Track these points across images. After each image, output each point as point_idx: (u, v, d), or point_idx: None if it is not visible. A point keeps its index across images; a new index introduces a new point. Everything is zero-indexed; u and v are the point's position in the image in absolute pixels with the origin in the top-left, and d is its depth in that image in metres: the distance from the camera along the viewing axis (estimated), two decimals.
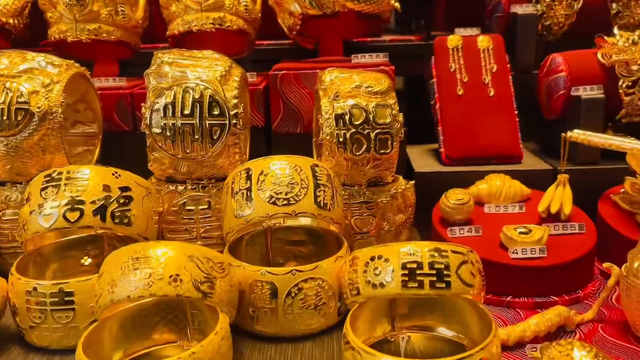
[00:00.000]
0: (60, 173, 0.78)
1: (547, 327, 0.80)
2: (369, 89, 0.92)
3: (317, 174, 0.80)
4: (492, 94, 1.21)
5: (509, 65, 1.25)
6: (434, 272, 0.64)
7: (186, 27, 1.14)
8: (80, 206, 0.75)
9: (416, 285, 0.64)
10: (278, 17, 1.20)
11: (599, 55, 1.15)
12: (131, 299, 0.61)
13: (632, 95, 1.13)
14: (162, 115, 0.87)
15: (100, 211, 0.76)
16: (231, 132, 0.89)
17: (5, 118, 0.87)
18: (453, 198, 0.99)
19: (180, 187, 0.92)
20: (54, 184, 0.77)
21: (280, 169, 0.79)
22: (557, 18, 1.32)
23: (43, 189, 0.77)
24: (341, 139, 0.90)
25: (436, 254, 0.65)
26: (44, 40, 1.21)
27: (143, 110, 0.89)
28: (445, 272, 0.64)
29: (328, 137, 0.91)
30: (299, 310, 0.73)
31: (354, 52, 1.22)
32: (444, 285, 0.64)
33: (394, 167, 0.96)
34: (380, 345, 0.72)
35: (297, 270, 0.73)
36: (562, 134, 1.06)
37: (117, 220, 0.77)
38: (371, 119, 0.90)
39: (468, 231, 0.97)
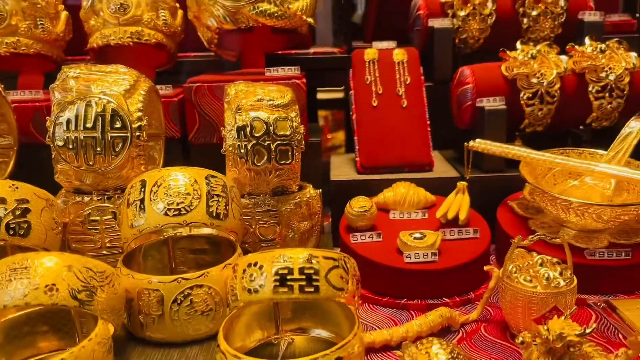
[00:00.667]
0: None
1: (429, 328, 0.84)
2: (271, 102, 0.96)
3: (211, 184, 0.84)
4: (405, 105, 1.26)
5: (423, 78, 1.30)
6: (304, 277, 0.68)
7: (104, 40, 1.16)
8: None
9: (286, 290, 0.67)
10: (198, 31, 1.24)
11: (503, 69, 1.21)
12: (7, 308, 0.63)
13: (532, 106, 1.19)
14: (65, 129, 0.90)
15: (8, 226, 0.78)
16: (134, 144, 0.92)
17: None
18: (356, 206, 1.03)
19: (87, 198, 0.94)
20: None
21: (173, 180, 0.83)
22: (472, 32, 1.38)
23: None
24: (242, 150, 0.93)
25: (307, 261, 0.69)
26: None
27: (47, 123, 0.92)
28: (315, 277, 0.68)
29: (230, 149, 0.94)
30: (186, 317, 0.76)
31: (276, 64, 1.27)
32: (312, 289, 0.68)
33: (297, 176, 1.00)
34: (263, 348, 0.76)
35: (183, 278, 0.76)
36: (465, 143, 1.11)
37: (11, 232, 0.79)
38: (271, 131, 0.94)
39: (369, 237, 1.01)
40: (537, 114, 1.20)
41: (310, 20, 1.18)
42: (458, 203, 1.06)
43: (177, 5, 1.25)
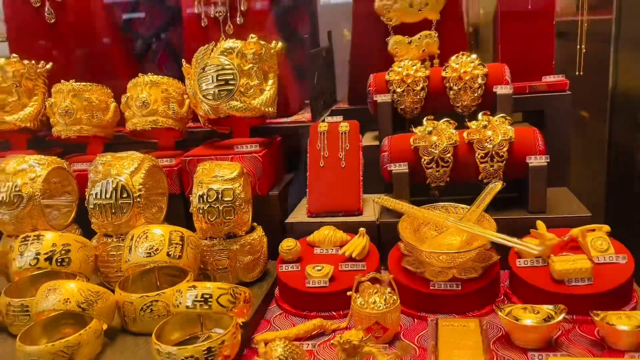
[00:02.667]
0: (28, 237, 1.38)
1: (305, 332, 1.30)
2: (221, 177, 1.46)
3: (172, 236, 1.36)
4: (344, 166, 1.71)
5: (360, 143, 1.74)
6: (203, 299, 1.18)
7: (132, 127, 1.73)
8: (37, 256, 1.35)
9: (192, 306, 1.18)
10: (198, 115, 1.77)
11: (410, 140, 1.62)
12: (45, 312, 1.20)
13: (431, 169, 1.59)
14: (94, 197, 1.46)
15: (49, 258, 1.36)
16: (136, 206, 1.46)
17: (7, 200, 1.48)
18: (284, 245, 1.50)
19: (109, 239, 1.50)
20: (25, 243, 1.38)
21: (150, 233, 1.35)
22: (407, 104, 1.79)
23: (20, 245, 1.38)
24: (201, 211, 1.44)
25: (206, 289, 1.18)
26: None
27: (86, 193, 1.48)
28: (210, 299, 1.18)
29: (194, 209, 1.46)
30: (149, 319, 1.29)
31: (259, 133, 1.78)
32: (207, 307, 1.17)
33: (242, 226, 1.49)
34: (188, 340, 1.27)
35: (146, 296, 1.29)
36: (372, 199, 1.55)
37: (58, 263, 1.36)
38: (220, 197, 1.44)
39: (292, 267, 1.49)
40: (435, 175, 1.59)
41: (269, 109, 1.66)
42: (356, 243, 1.50)
43: (185, 97, 1.78)
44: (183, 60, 1.73)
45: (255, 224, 1.57)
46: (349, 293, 1.31)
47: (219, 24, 1.84)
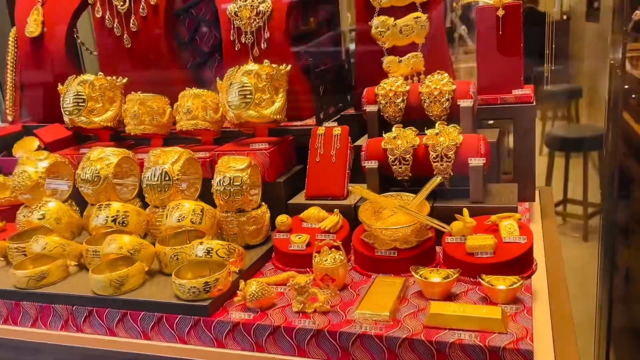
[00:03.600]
0: (101, 205, 2.01)
1: (281, 280, 1.83)
2: (234, 167, 2.02)
3: (195, 209, 1.93)
4: (334, 161, 2.21)
5: (349, 144, 2.23)
6: (207, 251, 1.74)
7: (179, 128, 2.32)
8: (107, 218, 1.98)
9: (200, 255, 1.75)
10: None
11: (382, 143, 2.10)
12: (108, 253, 1.82)
13: (395, 166, 2.06)
14: (146, 179, 2.07)
15: (114, 220, 1.98)
16: (174, 187, 2.05)
17: (90, 179, 2.13)
18: (279, 219, 2.04)
19: (157, 210, 2.11)
20: (100, 209, 2.01)
21: (180, 206, 1.94)
22: (390, 113, 2.26)
23: (96, 210, 2.02)
24: (218, 192, 2.01)
25: (208, 244, 1.75)
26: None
27: (142, 177, 2.10)
28: (211, 251, 1.74)
29: (214, 190, 2.03)
30: (175, 265, 1.87)
31: (277, 133, 2.33)
32: (209, 256, 1.74)
33: (249, 204, 2.04)
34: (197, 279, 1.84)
35: (173, 248, 1.87)
36: (350, 186, 2.05)
37: (119, 224, 1.98)
38: (231, 182, 2.00)
39: (283, 236, 2.02)
40: (399, 170, 2.06)
41: (277, 117, 2.20)
42: (331, 220, 2.01)
43: (220, 105, 2.35)
44: (217, 77, 2.29)
45: (263, 203, 2.11)
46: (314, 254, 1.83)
47: (248, 48, 2.38)
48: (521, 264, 1.71)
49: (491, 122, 2.61)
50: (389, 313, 1.36)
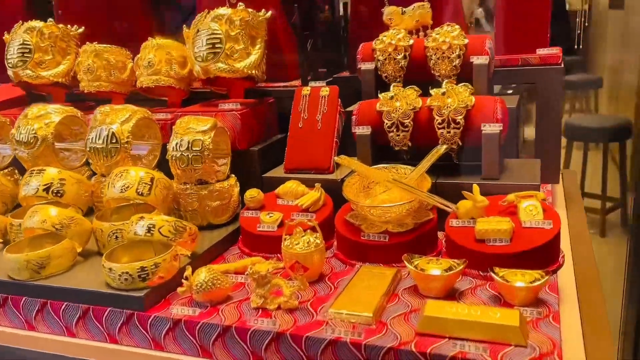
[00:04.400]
0: (33, 170, 1.66)
1: (242, 268, 1.47)
2: (194, 129, 1.65)
3: (143, 177, 1.57)
4: (320, 127, 1.84)
5: (339, 107, 1.86)
6: (147, 228, 1.38)
7: (139, 84, 1.96)
8: (38, 187, 1.62)
9: (139, 233, 1.39)
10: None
11: (377, 105, 1.72)
12: (31, 229, 1.46)
13: (392, 132, 1.69)
14: (90, 142, 1.71)
15: (47, 189, 1.62)
16: (123, 151, 1.69)
17: (25, 140, 1.77)
18: (248, 194, 1.67)
19: (104, 179, 1.75)
20: (31, 175, 1.65)
21: (125, 173, 1.58)
22: (389, 72, 1.89)
23: (27, 177, 1.66)
24: (174, 158, 1.65)
25: (151, 220, 1.39)
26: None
27: (86, 138, 1.74)
28: (152, 229, 1.38)
29: (169, 156, 1.67)
30: (115, 245, 1.52)
31: (256, 95, 1.96)
32: (150, 235, 1.38)
33: (213, 174, 1.67)
34: None
35: (112, 224, 1.51)
36: (335, 157, 1.68)
37: (53, 194, 1.62)
38: (190, 146, 1.63)
39: (252, 214, 1.66)
40: (396, 138, 1.69)
41: (253, 72, 1.83)
42: (311, 197, 1.64)
43: (186, 57, 1.97)
44: (184, 25, 1.92)
45: (232, 175, 1.75)
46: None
47: None
48: (545, 256, 1.34)
49: (510, 91, 2.23)
50: (372, 314, 1.06)
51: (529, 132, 2.33)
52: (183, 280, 1.31)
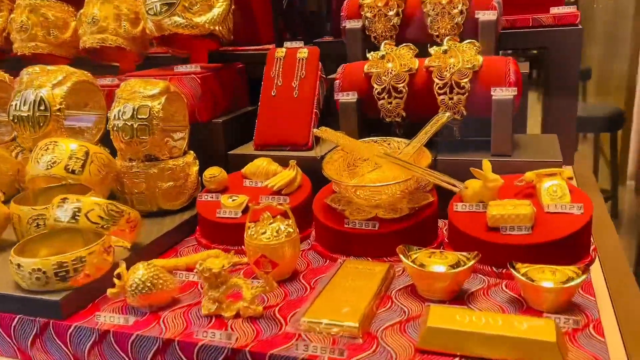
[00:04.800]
0: None
1: (195, 263, 1.17)
2: (140, 93, 1.35)
3: (75, 150, 1.26)
4: (296, 95, 1.55)
5: (320, 72, 1.56)
6: (72, 213, 1.08)
7: (82, 45, 1.65)
8: None
9: (61, 219, 1.08)
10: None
11: (365, 67, 1.43)
12: None
13: (382, 100, 1.40)
14: (13, 109, 1.39)
15: None
16: (54, 120, 1.38)
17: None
18: (207, 173, 1.37)
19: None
20: None
21: (53, 146, 1.27)
22: (379, 32, 1.59)
23: None
24: (116, 128, 1.34)
25: (76, 202, 1.08)
26: None
27: (8, 107, 1.42)
28: (78, 214, 1.08)
29: (110, 127, 1.36)
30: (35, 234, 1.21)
31: (222, 60, 1.65)
32: (74, 221, 1.07)
33: (164, 148, 1.37)
34: None
35: (32, 209, 1.20)
36: (314, 129, 1.38)
37: None
38: (135, 114, 1.33)
39: (211, 197, 1.36)
40: (387, 107, 1.40)
41: (217, 28, 1.52)
42: (284, 176, 1.34)
43: (139, 13, 1.66)
44: None
45: (190, 151, 1.44)
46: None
47: None
48: (574, 248, 1.07)
49: (522, 59, 1.96)
50: (359, 323, 0.85)
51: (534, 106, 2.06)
52: (115, 280, 1.01)
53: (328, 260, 1.19)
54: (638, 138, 3.78)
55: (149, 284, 0.99)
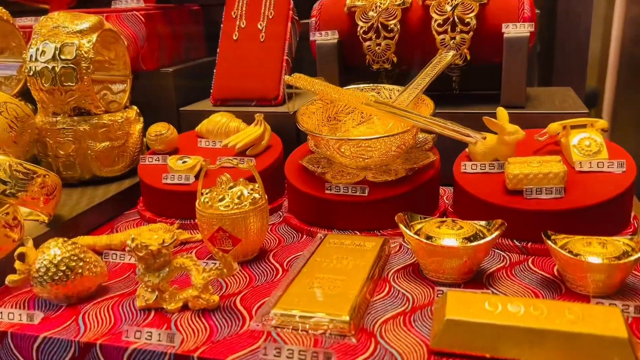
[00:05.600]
0: None
1: (121, 243, 0.90)
2: (66, 29, 1.06)
3: None
4: (263, 39, 1.28)
5: (291, 13, 1.30)
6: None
7: None
8: None
9: None
10: None
11: (348, 1, 1.17)
12: None
13: (369, 40, 1.15)
14: None
15: None
16: None
17: None
18: (152, 131, 1.11)
19: None
20: None
21: None
22: None
23: None
24: (32, 73, 1.06)
25: None
26: None
27: None
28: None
29: (25, 71, 1.07)
30: None
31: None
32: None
33: (94, 99, 1.09)
34: None
35: None
36: (285, 76, 1.12)
37: None
38: (57, 55, 1.04)
39: (157, 160, 1.09)
40: (375, 50, 1.15)
41: None
42: (248, 134, 1.08)
43: None
44: None
45: (133, 106, 1.17)
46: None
47: None
48: (616, 215, 0.83)
49: None
50: (349, 317, 0.53)
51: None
52: (17, 263, 0.73)
53: (305, 236, 0.95)
54: (609, 117, 3.66)
55: (64, 268, 0.73)
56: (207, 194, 0.86)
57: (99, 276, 0.78)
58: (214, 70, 1.30)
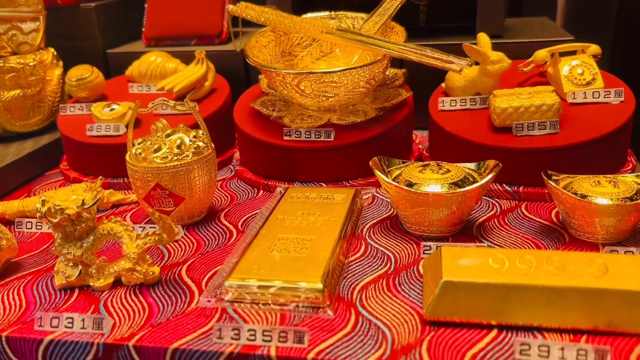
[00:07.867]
0: None
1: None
2: None
3: None
4: None
5: None
6: None
7: None
8: None
9: None
10: None
11: None
12: None
13: None
14: None
15: None
16: None
17: None
18: (72, 74, 0.93)
19: None
20: None
21: None
22: None
23: None
24: None
25: None
26: None
27: None
28: None
29: None
30: None
31: None
32: None
33: (8, 43, 0.91)
34: None
35: None
36: (229, 6, 0.95)
37: None
38: None
39: (80, 109, 0.92)
40: None
41: None
42: (187, 75, 0.92)
43: None
44: None
45: (49, 48, 0.98)
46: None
47: None
48: (614, 150, 0.73)
49: None
50: (322, 283, 0.48)
51: None
52: None
53: (262, 191, 0.81)
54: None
55: None
56: (139, 144, 0.71)
57: (6, 250, 0.62)
58: (145, 5, 1.12)
